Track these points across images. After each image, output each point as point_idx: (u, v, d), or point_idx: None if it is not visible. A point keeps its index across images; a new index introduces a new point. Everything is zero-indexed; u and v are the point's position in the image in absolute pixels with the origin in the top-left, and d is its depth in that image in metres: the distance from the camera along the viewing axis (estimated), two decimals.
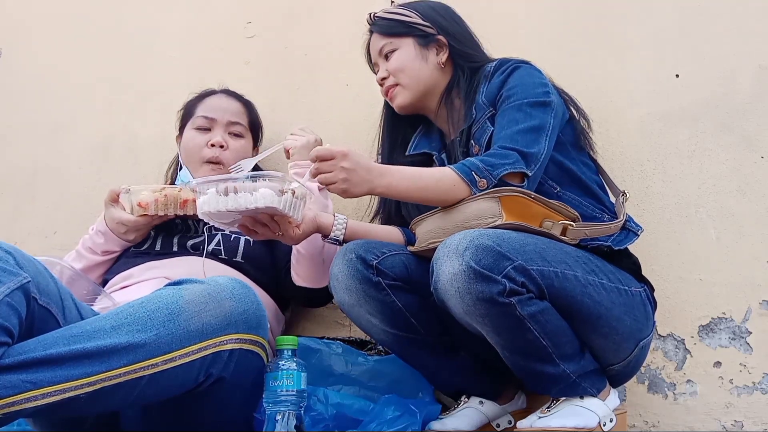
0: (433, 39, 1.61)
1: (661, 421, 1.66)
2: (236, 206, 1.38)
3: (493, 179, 1.36)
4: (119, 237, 1.73)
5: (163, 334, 1.17)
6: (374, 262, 1.43)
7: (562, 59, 1.82)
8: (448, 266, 1.25)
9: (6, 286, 1.12)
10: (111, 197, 1.73)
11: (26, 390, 1.06)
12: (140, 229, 1.73)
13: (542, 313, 1.27)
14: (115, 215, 1.71)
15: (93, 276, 1.74)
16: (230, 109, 1.89)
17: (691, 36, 1.79)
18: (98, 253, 1.75)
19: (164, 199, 1.68)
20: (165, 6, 2.36)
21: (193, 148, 1.84)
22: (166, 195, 1.68)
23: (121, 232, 1.72)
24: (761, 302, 1.64)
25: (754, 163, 1.70)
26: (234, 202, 1.39)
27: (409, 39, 1.62)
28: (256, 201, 1.38)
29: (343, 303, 1.48)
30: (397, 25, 1.63)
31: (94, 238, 1.75)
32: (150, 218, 1.71)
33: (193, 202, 1.65)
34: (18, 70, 2.51)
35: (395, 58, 1.61)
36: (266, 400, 1.28)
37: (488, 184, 1.36)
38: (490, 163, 1.37)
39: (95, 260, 1.75)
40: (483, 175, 1.36)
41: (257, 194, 1.38)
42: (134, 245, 1.77)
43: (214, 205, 1.40)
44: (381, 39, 1.64)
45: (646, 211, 1.74)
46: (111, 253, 1.76)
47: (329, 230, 1.55)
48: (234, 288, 1.28)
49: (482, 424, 1.50)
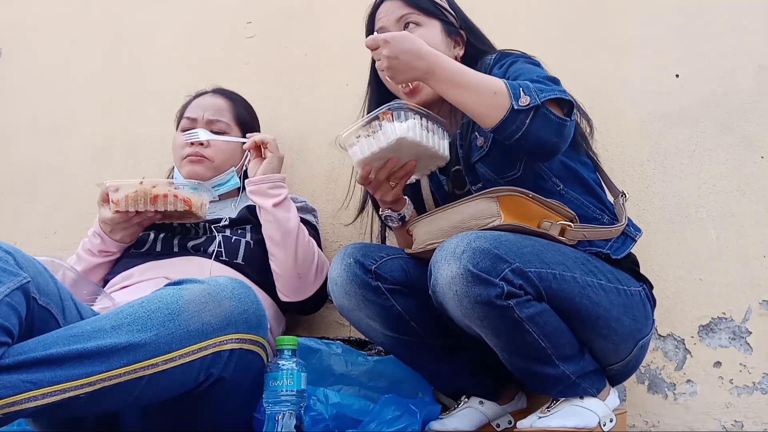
0: (455, 30, 1.57)
1: (661, 421, 1.66)
2: (433, 145, 1.38)
3: (537, 99, 1.28)
4: (108, 236, 1.73)
5: (163, 334, 1.17)
6: (373, 267, 1.43)
7: (562, 59, 1.82)
8: (446, 269, 1.25)
9: (6, 287, 1.12)
10: (101, 196, 1.72)
11: (26, 390, 1.06)
12: (125, 228, 1.72)
13: (541, 315, 1.27)
14: (101, 214, 1.72)
15: (94, 278, 1.74)
16: (213, 106, 1.88)
17: (691, 36, 1.79)
18: (96, 254, 1.75)
19: (134, 195, 1.65)
20: (165, 6, 2.37)
21: (175, 148, 1.87)
22: (137, 191, 1.65)
23: (107, 231, 1.72)
24: (761, 302, 1.64)
25: (754, 163, 1.70)
26: (433, 142, 1.38)
27: (436, 21, 1.54)
28: (445, 149, 1.42)
29: (342, 307, 1.48)
30: (428, 2, 1.54)
31: (92, 239, 1.75)
32: (126, 215, 1.67)
33: (164, 197, 1.64)
34: (18, 70, 2.51)
35: (421, 35, 1.43)
36: (266, 400, 1.28)
37: (530, 102, 1.27)
38: (540, 88, 1.30)
39: (94, 262, 1.75)
40: (529, 92, 1.29)
41: (445, 142, 1.41)
42: (134, 246, 1.76)
43: (419, 135, 1.35)
44: (403, 6, 1.53)
45: (646, 211, 1.74)
46: (108, 254, 1.75)
47: (403, 206, 1.55)
48: (234, 288, 1.28)
49: (482, 424, 1.50)
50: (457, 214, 1.37)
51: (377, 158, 1.40)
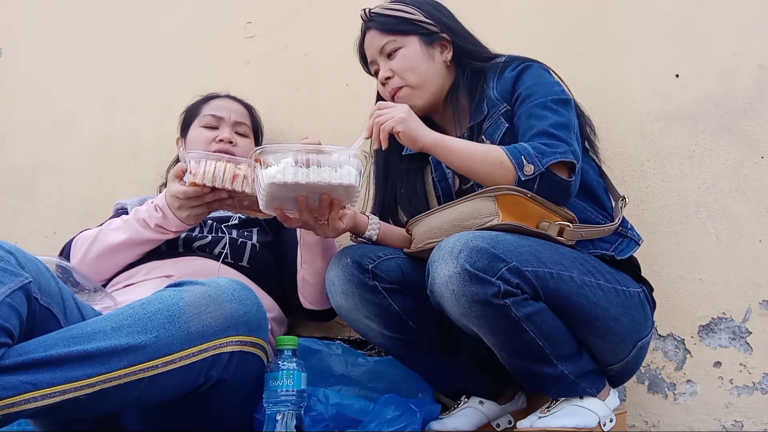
0: (437, 37, 1.57)
1: (661, 421, 1.66)
2: (318, 180, 1.28)
3: (541, 167, 1.32)
4: (174, 213, 1.58)
5: (163, 336, 1.17)
6: (370, 266, 1.43)
7: (562, 59, 1.81)
8: (443, 269, 1.25)
9: (7, 287, 1.12)
10: (176, 173, 1.58)
11: (26, 391, 1.06)
12: (194, 206, 1.56)
13: (538, 314, 1.27)
14: (171, 188, 1.57)
15: (120, 259, 1.66)
16: (236, 110, 1.92)
17: (691, 36, 1.79)
18: (150, 228, 1.61)
19: (215, 169, 1.51)
20: (165, 6, 2.36)
21: (202, 143, 1.83)
22: (219, 166, 1.51)
23: (175, 207, 1.58)
24: (761, 302, 1.64)
25: (754, 163, 1.70)
26: (316, 176, 1.27)
27: (413, 37, 1.56)
28: (341, 177, 1.29)
29: (340, 307, 1.48)
30: (400, 22, 1.57)
31: (151, 211, 1.62)
32: (201, 189, 1.53)
33: (244, 178, 1.51)
34: (18, 70, 2.51)
35: (401, 57, 1.55)
36: (266, 400, 1.28)
37: (535, 171, 1.33)
38: (541, 151, 1.34)
39: (142, 235, 1.63)
40: (532, 160, 1.33)
41: (342, 171, 1.29)
42: None
43: (291, 176, 1.27)
44: (382, 36, 1.57)
45: (646, 211, 1.74)
46: (163, 232, 1.62)
47: (365, 228, 1.54)
48: (235, 290, 1.27)
49: (482, 424, 1.51)
50: (455, 213, 1.38)
51: (273, 201, 1.38)
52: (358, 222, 1.53)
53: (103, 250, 1.64)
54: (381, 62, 1.59)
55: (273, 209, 1.41)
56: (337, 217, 1.44)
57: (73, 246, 1.68)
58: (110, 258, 1.65)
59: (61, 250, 1.74)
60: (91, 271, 1.64)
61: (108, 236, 1.64)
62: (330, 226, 1.44)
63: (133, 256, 1.67)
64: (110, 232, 1.65)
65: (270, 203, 1.39)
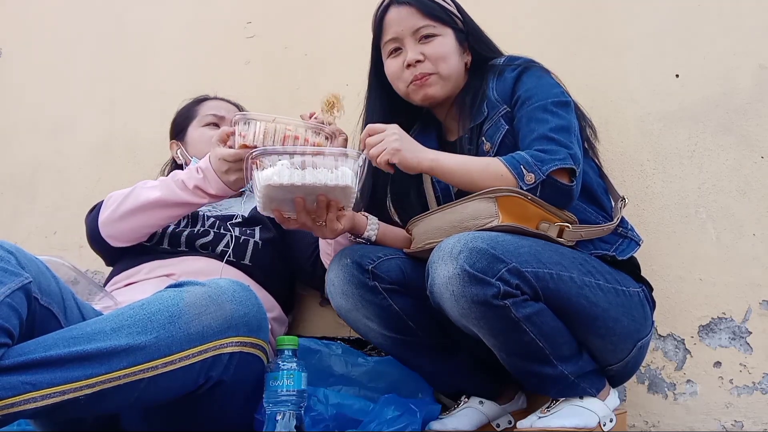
0: (465, 39, 1.56)
1: (661, 421, 1.66)
2: (314, 181, 1.27)
3: (542, 174, 1.33)
4: (220, 177, 1.52)
5: (163, 336, 1.17)
6: (370, 267, 1.43)
7: (562, 59, 1.82)
8: (443, 270, 1.25)
9: (7, 287, 1.12)
10: (221, 137, 1.53)
11: (26, 391, 1.06)
12: (241, 169, 1.47)
13: (537, 315, 1.27)
14: (218, 152, 1.51)
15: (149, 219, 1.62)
16: (231, 110, 1.91)
17: (691, 36, 1.79)
18: (188, 189, 1.56)
19: (265, 130, 1.46)
20: (165, 6, 2.37)
21: (208, 141, 1.79)
22: (269, 127, 1.46)
23: (222, 171, 1.51)
24: (761, 302, 1.64)
25: (754, 163, 1.70)
26: (312, 177, 1.26)
27: (450, 29, 1.53)
28: (337, 179, 1.28)
29: (340, 308, 1.48)
30: (441, 10, 1.53)
31: (192, 173, 1.56)
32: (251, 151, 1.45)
33: (295, 139, 1.45)
34: (18, 70, 2.51)
35: (438, 45, 1.50)
36: (267, 400, 1.29)
37: (536, 179, 1.33)
38: (540, 158, 1.34)
39: (178, 197, 1.57)
40: (531, 169, 1.33)
41: (338, 172, 1.28)
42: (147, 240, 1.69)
43: (287, 177, 1.26)
44: (420, 17, 1.51)
45: (646, 211, 1.74)
46: (202, 195, 1.56)
47: (363, 229, 1.54)
48: (235, 291, 1.27)
49: (482, 424, 1.51)
50: (455, 214, 1.38)
51: (271, 203, 1.37)
52: (356, 222, 1.53)
53: (135, 206, 1.60)
54: (409, 43, 1.51)
55: (271, 211, 1.41)
56: (335, 218, 1.43)
57: (105, 202, 1.67)
58: (141, 216, 1.60)
59: (91, 209, 1.74)
60: (120, 228, 1.63)
61: (142, 193, 1.61)
62: (328, 227, 1.44)
63: (162, 219, 1.62)
64: (145, 189, 1.61)
65: (267, 205, 1.39)
